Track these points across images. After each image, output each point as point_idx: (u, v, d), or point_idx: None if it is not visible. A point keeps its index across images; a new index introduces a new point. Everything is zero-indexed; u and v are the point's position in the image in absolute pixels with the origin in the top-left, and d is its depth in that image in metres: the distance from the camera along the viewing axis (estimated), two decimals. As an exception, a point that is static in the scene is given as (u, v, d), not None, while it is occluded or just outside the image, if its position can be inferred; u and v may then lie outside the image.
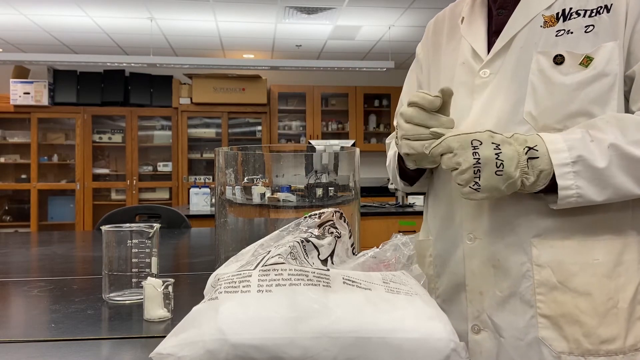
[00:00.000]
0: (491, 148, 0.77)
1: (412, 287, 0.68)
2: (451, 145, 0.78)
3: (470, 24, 0.98)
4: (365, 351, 0.57)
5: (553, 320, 0.82)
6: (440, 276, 0.98)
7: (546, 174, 0.78)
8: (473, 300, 0.90)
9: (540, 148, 0.78)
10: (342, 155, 1.19)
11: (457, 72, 0.96)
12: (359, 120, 6.44)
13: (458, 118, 0.91)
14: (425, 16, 4.71)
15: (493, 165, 0.76)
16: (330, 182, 1.13)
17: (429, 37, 1.10)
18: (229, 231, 1.03)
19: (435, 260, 0.99)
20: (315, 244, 0.72)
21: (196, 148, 6.25)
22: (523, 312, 0.85)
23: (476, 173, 0.77)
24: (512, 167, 0.76)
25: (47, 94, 5.77)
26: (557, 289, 0.82)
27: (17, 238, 2.24)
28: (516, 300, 0.85)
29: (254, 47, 5.79)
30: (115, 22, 4.82)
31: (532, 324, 0.84)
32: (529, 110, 0.84)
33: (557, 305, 0.82)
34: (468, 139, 0.78)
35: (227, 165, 1.04)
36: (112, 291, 0.99)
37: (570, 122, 0.82)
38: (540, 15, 0.87)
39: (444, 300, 0.96)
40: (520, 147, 0.78)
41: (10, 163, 6.04)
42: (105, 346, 0.76)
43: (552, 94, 0.83)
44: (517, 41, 0.88)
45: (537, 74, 0.84)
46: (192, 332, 0.58)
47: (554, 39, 0.85)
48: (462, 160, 0.78)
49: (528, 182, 0.78)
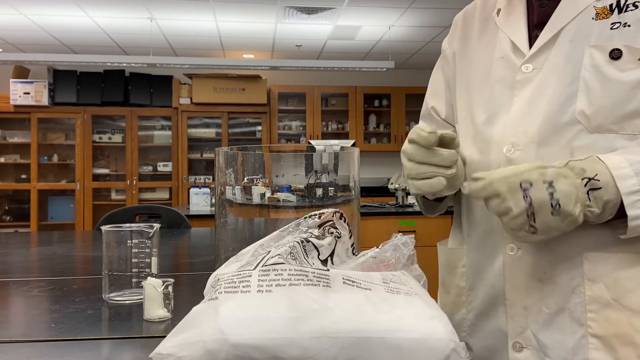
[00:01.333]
0: (543, 189, 0.70)
1: (412, 287, 0.68)
2: (498, 190, 0.72)
3: (508, 16, 0.91)
4: (365, 351, 0.57)
5: (605, 340, 0.75)
6: (474, 288, 0.91)
7: (613, 204, 0.71)
8: (515, 316, 0.83)
9: (603, 177, 0.70)
10: (342, 155, 1.19)
11: (494, 67, 0.89)
12: (359, 120, 6.44)
13: (495, 116, 0.87)
14: (425, 16, 4.71)
15: (548, 207, 0.69)
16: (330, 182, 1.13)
17: (458, 31, 1.02)
18: (229, 231, 1.03)
19: (469, 272, 0.92)
20: (315, 244, 0.72)
21: (196, 148, 6.25)
22: (572, 331, 0.78)
23: (530, 216, 0.70)
24: (571, 205, 0.69)
25: (47, 94, 5.77)
26: (610, 306, 0.75)
27: (17, 238, 2.24)
28: (565, 318, 0.78)
29: (254, 47, 5.79)
30: (115, 22, 4.82)
31: (582, 344, 0.77)
32: (582, 109, 0.77)
33: (610, 325, 0.75)
34: (516, 181, 0.71)
35: (227, 165, 1.04)
36: (112, 291, 0.99)
37: (627, 122, 0.76)
38: (592, 6, 0.80)
39: (477, 315, 0.90)
40: (578, 178, 0.71)
41: (10, 163, 6.04)
42: (105, 346, 0.76)
43: (607, 91, 0.76)
44: (565, 34, 0.81)
45: (591, 70, 0.77)
46: (192, 332, 0.58)
47: (608, 32, 0.77)
48: (512, 205, 0.70)
49: (592, 215, 0.71)
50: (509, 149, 0.83)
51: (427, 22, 4.89)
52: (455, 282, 0.95)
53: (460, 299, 0.94)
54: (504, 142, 0.84)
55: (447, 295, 0.98)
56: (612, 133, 0.76)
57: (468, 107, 0.95)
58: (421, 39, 5.42)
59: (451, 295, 0.96)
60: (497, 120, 0.86)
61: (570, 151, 0.78)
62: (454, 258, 0.96)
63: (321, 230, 0.75)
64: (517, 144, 0.82)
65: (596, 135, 0.77)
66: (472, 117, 0.93)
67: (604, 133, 0.77)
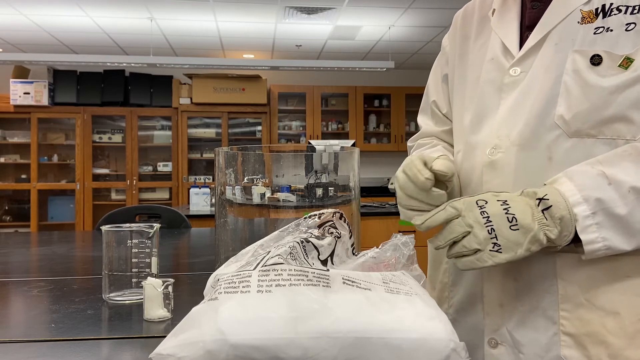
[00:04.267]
0: (498, 205, 0.72)
1: (412, 287, 0.68)
2: (457, 207, 0.74)
3: (501, 17, 0.91)
4: (365, 351, 0.57)
5: (577, 339, 0.77)
6: (456, 285, 0.93)
7: (567, 220, 0.71)
8: (491, 313, 0.85)
9: (552, 196, 0.72)
10: (342, 155, 1.19)
11: (484, 69, 0.90)
12: (359, 120, 6.44)
13: (483, 118, 0.87)
14: (425, 16, 4.71)
15: (505, 221, 0.71)
16: (330, 182, 1.13)
17: (457, 29, 1.02)
18: (229, 231, 1.03)
19: (452, 268, 0.95)
20: (315, 244, 0.72)
21: (196, 148, 6.25)
22: (545, 329, 0.79)
23: (491, 232, 0.71)
24: (528, 219, 0.71)
25: (47, 94, 5.77)
26: (583, 306, 0.77)
27: (17, 238, 2.24)
28: (538, 316, 0.80)
29: (254, 47, 5.79)
30: (115, 22, 4.82)
31: (554, 341, 0.78)
32: (561, 113, 0.78)
33: (582, 324, 0.76)
34: (472, 200, 0.73)
35: (227, 165, 1.04)
36: (112, 291, 0.99)
37: (606, 127, 0.76)
38: (579, 10, 0.80)
39: (457, 310, 0.92)
40: (531, 199, 0.73)
41: (10, 163, 6.04)
42: (105, 346, 0.76)
43: (587, 96, 0.76)
44: (552, 38, 0.81)
45: (572, 75, 0.78)
46: (192, 332, 0.58)
47: (592, 37, 0.77)
48: (472, 222, 0.72)
49: (553, 234, 0.71)
50: (491, 151, 0.84)
51: (427, 22, 4.89)
52: (439, 277, 0.98)
53: (444, 294, 0.96)
54: (488, 144, 0.85)
55: (433, 290, 1.00)
56: (590, 138, 0.77)
57: (460, 108, 0.96)
58: (421, 39, 5.42)
59: (436, 291, 0.99)
60: (484, 122, 0.87)
61: (548, 155, 0.79)
62: (439, 255, 0.97)
63: (321, 230, 0.75)
64: (500, 147, 0.83)
65: (575, 139, 0.78)
66: (461, 119, 0.94)
67: (583, 138, 0.77)
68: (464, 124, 0.92)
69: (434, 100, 1.06)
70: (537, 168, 0.80)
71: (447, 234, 0.74)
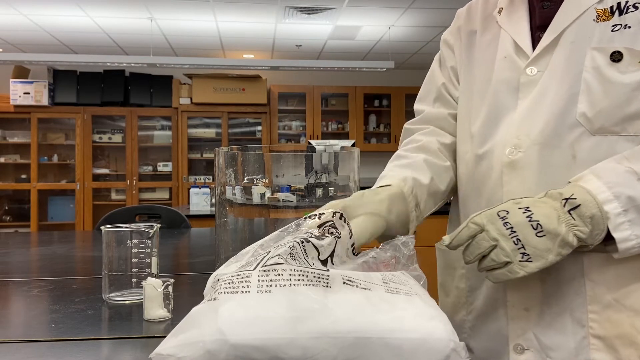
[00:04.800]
0: (520, 213, 0.71)
1: (412, 287, 0.68)
2: (478, 222, 0.72)
3: (510, 16, 0.90)
4: (365, 351, 0.57)
5: (607, 341, 0.75)
6: (474, 290, 0.91)
7: (598, 218, 0.70)
8: (516, 318, 0.82)
9: (579, 195, 0.70)
10: (342, 155, 1.19)
11: (497, 68, 0.89)
12: (359, 120, 6.44)
13: (498, 118, 0.86)
14: (425, 16, 4.71)
15: (530, 229, 0.69)
16: (330, 182, 1.13)
17: (462, 24, 1.01)
18: (229, 231, 1.03)
19: (469, 273, 0.92)
20: (315, 244, 0.72)
21: (196, 148, 6.25)
22: (573, 332, 0.77)
23: (517, 243, 0.70)
24: (554, 223, 0.69)
25: (47, 94, 5.77)
26: (611, 307, 0.75)
27: (17, 238, 2.24)
28: (566, 319, 0.78)
29: (254, 47, 5.79)
30: (115, 22, 4.82)
31: (583, 345, 0.76)
32: (583, 111, 0.77)
33: (611, 325, 0.75)
34: (493, 212, 0.72)
35: (227, 165, 1.04)
36: (112, 291, 0.99)
37: (629, 124, 0.76)
38: (593, 8, 0.80)
39: (478, 316, 0.90)
40: (556, 201, 0.71)
41: (10, 163, 6.04)
42: (105, 346, 0.76)
43: (609, 93, 0.76)
44: (567, 36, 0.81)
45: (592, 72, 0.77)
46: (192, 332, 0.58)
47: (609, 35, 0.77)
48: (496, 235, 0.70)
49: (584, 234, 0.70)
50: (511, 151, 0.83)
51: (427, 22, 4.89)
52: (455, 283, 0.95)
53: (460, 300, 0.94)
54: (506, 144, 0.84)
55: (447, 297, 0.97)
56: (614, 135, 0.76)
57: (467, 108, 0.94)
58: (421, 39, 5.42)
59: (451, 297, 0.96)
60: (500, 122, 0.86)
61: (572, 153, 0.78)
62: (453, 260, 0.95)
63: (321, 230, 0.75)
64: (520, 146, 0.82)
65: (598, 137, 0.77)
66: (469, 120, 0.93)
67: (606, 135, 0.77)
68: (475, 124, 0.91)
69: (443, 83, 1.04)
70: (561, 167, 0.79)
71: (473, 249, 0.73)
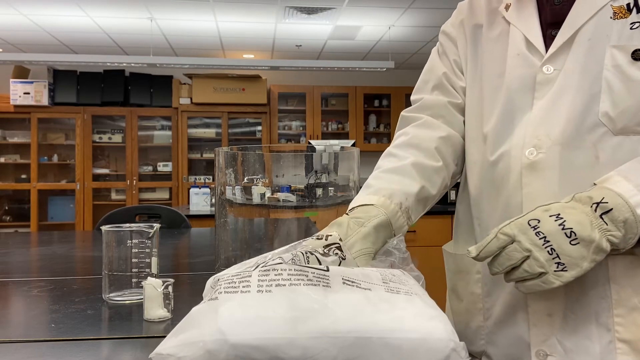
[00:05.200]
0: (552, 221, 0.68)
1: (412, 287, 0.68)
2: (509, 233, 0.69)
3: (519, 12, 0.88)
4: (365, 351, 0.57)
5: (634, 345, 0.74)
6: (492, 295, 0.88)
7: (631, 222, 0.68)
8: (538, 323, 0.80)
9: (611, 199, 0.69)
10: (342, 155, 1.19)
11: (510, 65, 0.87)
12: (359, 120, 6.44)
13: (514, 118, 0.84)
14: (425, 16, 4.71)
15: (564, 237, 0.67)
16: (330, 182, 1.13)
17: (465, 16, 0.98)
18: (229, 231, 1.03)
19: (486, 278, 0.89)
20: (319, 258, 0.72)
21: (196, 148, 6.25)
22: (599, 337, 0.76)
23: (552, 253, 0.67)
24: (587, 230, 0.67)
25: (47, 94, 5.77)
26: (637, 310, 0.74)
27: (17, 238, 2.24)
28: (591, 323, 0.76)
29: (254, 47, 5.79)
30: (115, 22, 4.82)
31: (609, 349, 0.75)
32: (606, 110, 0.76)
33: (638, 329, 0.73)
34: (524, 222, 0.70)
35: (227, 165, 1.04)
36: (112, 291, 0.99)
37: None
38: (609, 5, 0.78)
39: (496, 322, 0.87)
40: (587, 206, 0.69)
41: (10, 163, 6.04)
42: (105, 346, 0.76)
43: (631, 92, 0.75)
44: (583, 34, 0.79)
45: (613, 71, 0.76)
46: (192, 332, 0.58)
47: (629, 32, 0.76)
48: (529, 245, 0.68)
49: (617, 238, 0.68)
50: (531, 152, 0.81)
51: (427, 22, 4.89)
52: (469, 288, 0.93)
53: (476, 306, 0.91)
54: (525, 145, 0.82)
55: (460, 302, 0.95)
56: (637, 135, 0.75)
57: (478, 108, 0.92)
58: (421, 39, 5.42)
59: (464, 302, 0.94)
60: (516, 122, 0.84)
61: (595, 154, 0.77)
62: (467, 264, 0.92)
63: (326, 249, 0.75)
64: (540, 147, 0.80)
65: (621, 137, 0.76)
66: (481, 121, 0.90)
67: (629, 135, 0.76)
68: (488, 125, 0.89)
69: (444, 72, 1.00)
70: (584, 167, 0.77)
71: (503, 260, 0.71)
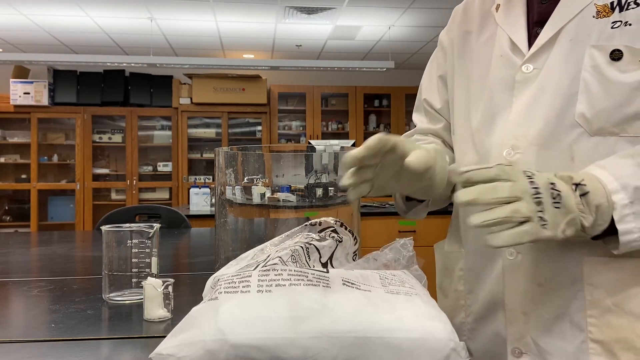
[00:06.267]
0: (545, 178, 0.67)
1: (412, 287, 0.68)
2: (509, 172, 0.67)
3: (507, 12, 0.88)
4: (365, 351, 0.57)
5: (606, 346, 0.74)
6: (473, 292, 0.90)
7: (604, 208, 0.67)
8: (514, 321, 0.81)
9: (590, 182, 0.68)
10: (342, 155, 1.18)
11: (493, 66, 0.87)
12: (359, 120, 6.44)
13: (494, 118, 0.84)
14: (425, 16, 4.71)
15: (549, 196, 0.66)
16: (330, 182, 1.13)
17: (457, 24, 0.99)
18: (229, 231, 1.03)
19: (467, 275, 0.91)
20: (317, 246, 0.72)
21: (196, 148, 6.25)
22: (573, 337, 0.76)
23: (539, 205, 0.65)
24: (571, 202, 0.66)
25: (47, 94, 5.77)
26: (611, 311, 0.74)
27: (17, 238, 2.24)
28: (565, 323, 0.77)
29: (254, 47, 5.79)
30: (115, 22, 4.82)
31: (582, 349, 0.75)
32: (582, 111, 0.75)
33: (611, 330, 0.74)
34: (518, 169, 0.68)
35: (227, 165, 1.04)
36: (112, 291, 0.99)
37: (628, 125, 0.73)
38: (593, 4, 0.77)
39: (476, 319, 0.89)
40: (568, 185, 0.68)
41: (10, 163, 6.04)
42: (105, 346, 0.76)
43: (608, 93, 0.73)
44: (566, 33, 0.78)
45: (591, 71, 0.75)
46: (192, 332, 0.58)
47: (609, 32, 0.74)
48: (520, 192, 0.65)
49: (587, 222, 0.67)
50: (509, 152, 0.81)
51: (427, 22, 4.89)
52: (453, 285, 0.94)
53: (459, 302, 0.93)
54: (503, 145, 0.82)
55: (445, 299, 0.97)
56: (613, 136, 0.74)
57: (465, 106, 0.93)
58: (421, 39, 5.42)
59: (449, 299, 0.95)
60: (496, 122, 0.84)
61: (570, 155, 0.77)
62: (452, 261, 0.94)
63: (322, 234, 0.76)
64: (517, 147, 0.80)
65: (597, 138, 0.75)
66: (469, 118, 0.91)
67: (605, 136, 0.75)
68: (472, 124, 0.89)
69: (425, 99, 1.04)
70: (559, 168, 0.76)
71: (488, 191, 0.65)
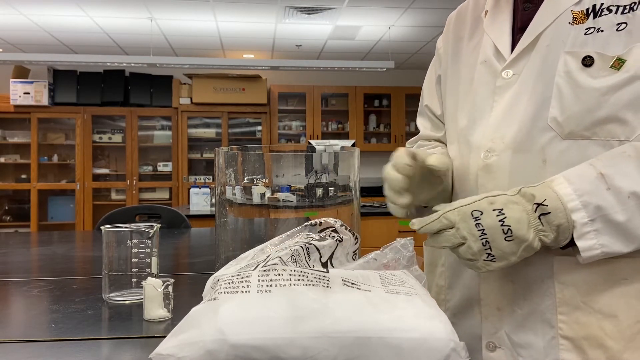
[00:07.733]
0: (493, 216, 0.71)
1: (412, 287, 0.68)
2: (452, 219, 0.73)
3: (494, 19, 0.90)
4: (365, 351, 0.57)
5: (575, 342, 0.76)
6: (452, 288, 0.93)
7: (565, 227, 0.71)
8: (489, 316, 0.85)
9: (551, 202, 0.71)
10: (342, 155, 1.19)
11: (477, 71, 0.90)
12: (359, 120, 6.44)
13: (476, 121, 0.87)
14: (425, 16, 4.71)
15: (500, 233, 0.71)
16: (330, 182, 1.13)
17: (450, 31, 1.02)
18: (229, 231, 1.03)
19: (448, 271, 0.95)
20: (317, 245, 0.72)
21: (196, 148, 6.25)
22: (543, 332, 0.79)
23: (485, 245, 0.71)
24: (524, 230, 0.71)
25: (47, 94, 5.77)
26: (580, 309, 0.76)
27: (17, 238, 2.24)
28: (536, 319, 0.80)
29: (254, 47, 5.79)
30: (115, 22, 4.82)
31: (553, 345, 0.78)
32: (554, 115, 0.77)
33: (579, 327, 0.76)
34: (467, 211, 0.72)
35: (227, 165, 1.04)
36: (112, 291, 0.99)
37: (599, 128, 0.75)
38: (569, 10, 0.79)
39: (454, 314, 0.92)
40: (529, 204, 0.72)
41: (10, 163, 6.04)
42: (105, 346, 0.76)
43: (579, 98, 0.76)
44: (544, 39, 0.81)
45: (564, 76, 0.77)
46: (192, 332, 0.58)
47: (582, 38, 0.77)
48: (466, 234, 0.72)
49: (548, 239, 0.72)
50: (486, 155, 0.84)
51: (427, 22, 4.89)
52: (435, 280, 0.98)
53: (440, 297, 0.96)
54: (482, 147, 0.85)
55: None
56: (584, 139, 0.77)
57: (454, 110, 0.95)
58: (421, 39, 5.42)
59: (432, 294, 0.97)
60: (477, 125, 0.87)
61: (542, 158, 0.79)
62: (435, 257, 0.98)
63: (322, 234, 0.76)
64: (494, 150, 0.83)
65: (569, 141, 0.77)
66: (456, 121, 0.94)
67: (577, 139, 0.77)
68: (459, 126, 0.92)
69: (426, 105, 1.06)
70: (532, 171, 0.79)
71: (441, 240, 0.74)
